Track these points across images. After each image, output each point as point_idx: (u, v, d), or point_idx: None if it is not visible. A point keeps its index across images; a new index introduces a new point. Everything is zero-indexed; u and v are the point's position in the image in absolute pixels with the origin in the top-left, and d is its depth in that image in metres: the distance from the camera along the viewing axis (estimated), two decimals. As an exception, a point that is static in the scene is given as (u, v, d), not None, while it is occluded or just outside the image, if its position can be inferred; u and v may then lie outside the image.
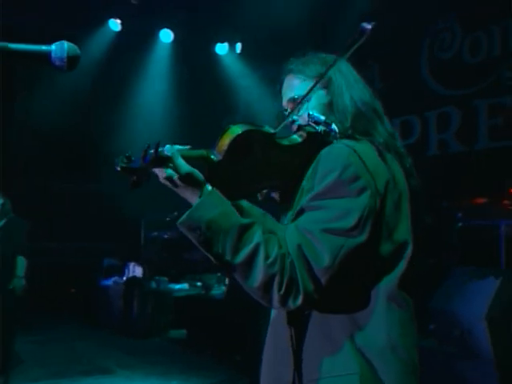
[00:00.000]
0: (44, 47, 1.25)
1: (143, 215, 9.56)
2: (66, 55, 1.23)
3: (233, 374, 5.86)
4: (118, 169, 1.37)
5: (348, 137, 1.59)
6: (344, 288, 1.44)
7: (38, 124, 8.97)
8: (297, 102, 1.68)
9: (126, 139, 8.88)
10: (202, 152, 1.49)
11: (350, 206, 1.40)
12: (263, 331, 1.78)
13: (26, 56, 1.25)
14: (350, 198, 1.41)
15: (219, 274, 7.93)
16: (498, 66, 6.57)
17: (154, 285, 8.11)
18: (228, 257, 1.39)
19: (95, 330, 8.21)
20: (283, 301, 1.37)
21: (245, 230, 1.41)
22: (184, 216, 1.44)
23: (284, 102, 1.78)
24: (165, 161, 1.41)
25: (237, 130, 1.50)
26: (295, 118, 1.68)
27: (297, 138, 1.59)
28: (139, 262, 8.59)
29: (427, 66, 7.44)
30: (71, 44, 1.26)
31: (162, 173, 1.44)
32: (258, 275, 1.37)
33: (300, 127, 1.61)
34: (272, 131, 1.57)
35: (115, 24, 8.37)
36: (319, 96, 1.70)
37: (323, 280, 1.37)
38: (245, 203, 1.72)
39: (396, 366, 1.45)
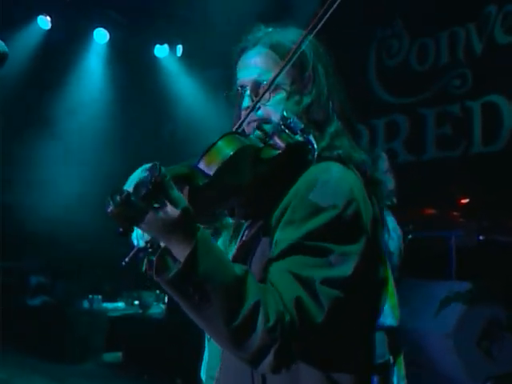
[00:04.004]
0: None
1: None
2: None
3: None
4: (112, 209, 1.06)
5: (325, 158, 1.34)
6: (332, 342, 1.28)
7: None
8: (263, 90, 1.34)
9: (56, 148, 8.38)
10: (184, 172, 1.20)
11: (348, 250, 1.23)
12: (204, 353, 1.65)
13: None
14: (349, 244, 1.24)
15: (158, 292, 7.60)
16: (446, 74, 6.61)
17: (86, 304, 7.71)
18: (221, 320, 1.12)
19: (22, 355, 7.55)
20: (277, 367, 1.17)
21: (241, 283, 1.14)
22: (173, 274, 1.11)
23: (242, 80, 1.44)
24: (163, 191, 1.08)
25: (228, 147, 1.24)
26: (259, 112, 1.39)
27: (273, 150, 1.31)
28: (70, 280, 8.16)
29: (375, 72, 7.43)
30: (-4, 39, 0.99)
31: (153, 214, 1.08)
32: (256, 341, 1.13)
33: (275, 134, 1.32)
34: (260, 145, 1.32)
35: (44, 21, 7.82)
36: (295, 92, 1.37)
37: (318, 336, 1.20)
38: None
39: None
